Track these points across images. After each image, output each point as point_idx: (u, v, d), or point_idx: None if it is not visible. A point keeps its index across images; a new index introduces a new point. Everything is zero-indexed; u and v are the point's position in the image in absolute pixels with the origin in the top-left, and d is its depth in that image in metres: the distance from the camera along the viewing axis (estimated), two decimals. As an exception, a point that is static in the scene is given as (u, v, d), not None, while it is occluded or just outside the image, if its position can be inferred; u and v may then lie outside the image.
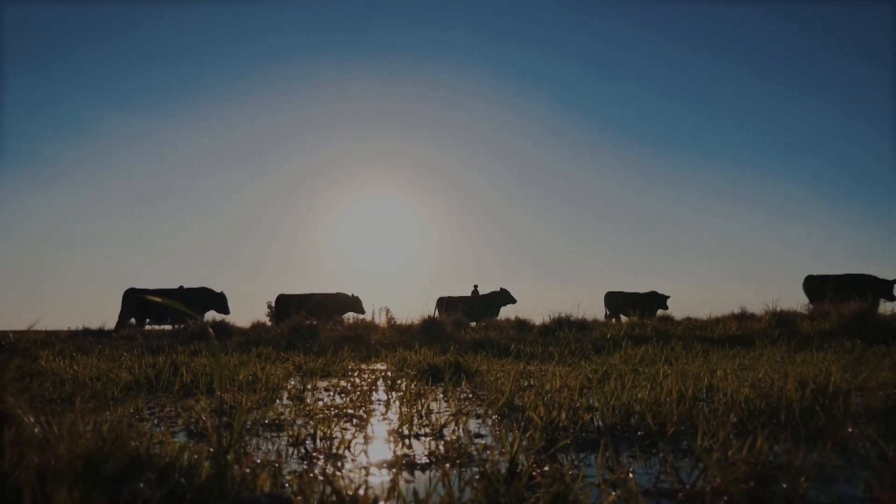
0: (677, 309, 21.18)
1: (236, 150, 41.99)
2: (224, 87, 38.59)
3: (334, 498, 1.29)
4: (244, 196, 43.60)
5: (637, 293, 19.89)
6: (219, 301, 17.99)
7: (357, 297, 18.32)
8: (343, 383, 3.85)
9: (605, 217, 44.78)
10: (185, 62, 36.55)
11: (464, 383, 3.72)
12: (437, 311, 18.69)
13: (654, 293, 19.86)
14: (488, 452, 1.82)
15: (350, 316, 14.86)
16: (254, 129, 41.26)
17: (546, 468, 1.60)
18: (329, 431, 2.20)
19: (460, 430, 2.24)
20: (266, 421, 2.43)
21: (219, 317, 13.22)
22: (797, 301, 20.33)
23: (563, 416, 2.13)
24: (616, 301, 19.65)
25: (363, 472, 1.69)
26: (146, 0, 25.15)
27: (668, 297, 19.75)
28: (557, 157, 46.09)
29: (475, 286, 20.84)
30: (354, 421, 2.51)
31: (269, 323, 13.58)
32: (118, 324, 16.17)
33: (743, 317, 11.70)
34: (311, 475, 1.56)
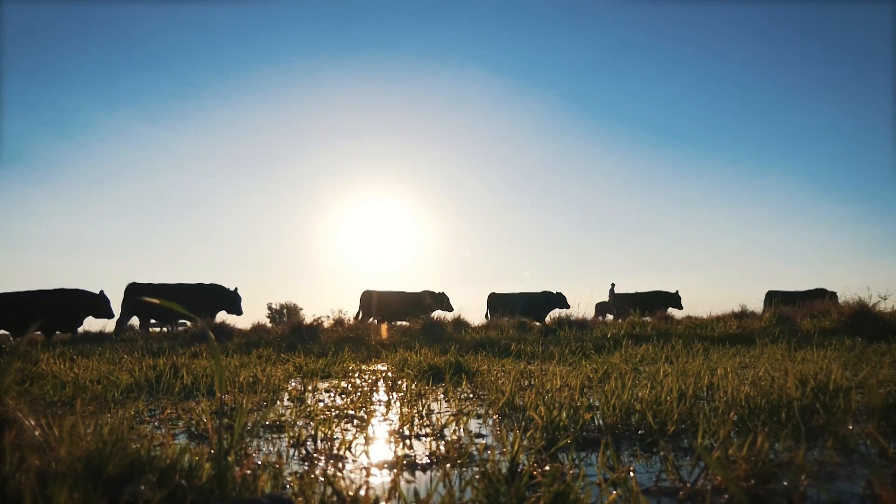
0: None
1: (235, 151, 42.01)
2: (223, 88, 38.60)
3: (335, 499, 1.29)
4: (243, 197, 43.61)
5: (798, 291, 19.42)
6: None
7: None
8: (344, 384, 3.85)
9: (606, 216, 44.82)
10: (183, 64, 36.54)
11: (464, 383, 3.72)
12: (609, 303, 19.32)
13: (821, 290, 19.25)
14: (489, 452, 1.82)
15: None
16: (253, 130, 41.28)
17: (547, 467, 1.60)
18: (330, 432, 2.20)
19: (461, 430, 2.24)
20: (267, 422, 2.43)
21: (225, 318, 13.48)
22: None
23: (564, 415, 2.13)
24: (777, 299, 19.23)
25: (364, 472, 1.69)
26: (145, 1, 25.13)
27: (835, 293, 19.31)
28: (558, 157, 46.12)
29: (612, 284, 21.24)
30: (355, 422, 2.51)
31: (269, 325, 13.58)
32: (357, 318, 16.69)
33: (743, 315, 11.73)
34: (312, 476, 1.56)
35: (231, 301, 16.37)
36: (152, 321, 15.83)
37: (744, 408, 2.21)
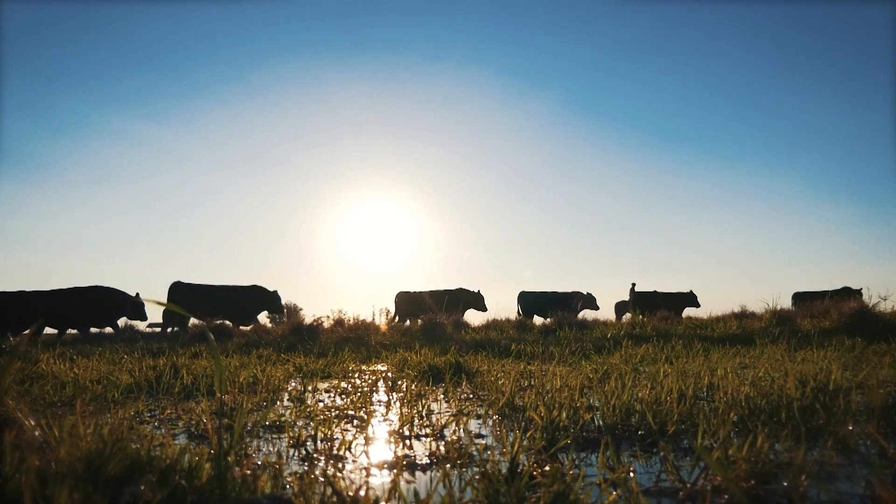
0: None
1: (235, 151, 42.04)
2: (223, 88, 38.59)
3: (335, 499, 1.29)
4: (243, 197, 43.64)
5: (826, 291, 19.18)
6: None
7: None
8: (344, 384, 3.85)
9: (606, 216, 44.87)
10: (183, 64, 36.54)
11: (464, 384, 3.72)
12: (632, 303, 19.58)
13: (847, 289, 19.31)
14: (489, 452, 1.82)
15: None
16: (253, 130, 41.29)
17: (547, 468, 1.60)
18: (330, 433, 2.20)
19: (461, 430, 2.24)
20: (267, 422, 2.43)
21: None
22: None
23: (564, 415, 2.13)
24: (805, 300, 19.10)
25: (364, 472, 1.69)
26: (145, 1, 25.15)
27: (861, 289, 19.27)
28: (558, 157, 46.17)
29: (633, 284, 21.41)
30: (355, 422, 2.51)
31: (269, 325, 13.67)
32: (396, 321, 17.37)
33: (743, 315, 11.74)
34: (312, 476, 1.56)
35: (272, 302, 16.95)
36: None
37: (744, 408, 2.21)
